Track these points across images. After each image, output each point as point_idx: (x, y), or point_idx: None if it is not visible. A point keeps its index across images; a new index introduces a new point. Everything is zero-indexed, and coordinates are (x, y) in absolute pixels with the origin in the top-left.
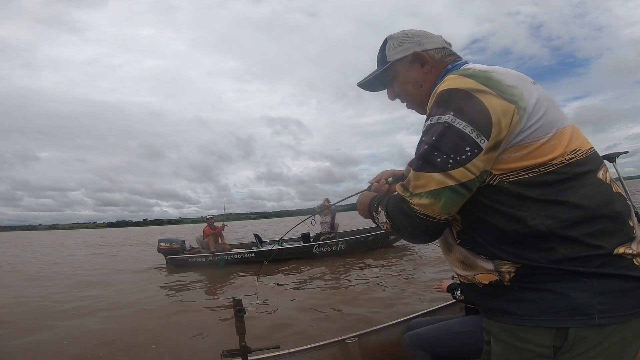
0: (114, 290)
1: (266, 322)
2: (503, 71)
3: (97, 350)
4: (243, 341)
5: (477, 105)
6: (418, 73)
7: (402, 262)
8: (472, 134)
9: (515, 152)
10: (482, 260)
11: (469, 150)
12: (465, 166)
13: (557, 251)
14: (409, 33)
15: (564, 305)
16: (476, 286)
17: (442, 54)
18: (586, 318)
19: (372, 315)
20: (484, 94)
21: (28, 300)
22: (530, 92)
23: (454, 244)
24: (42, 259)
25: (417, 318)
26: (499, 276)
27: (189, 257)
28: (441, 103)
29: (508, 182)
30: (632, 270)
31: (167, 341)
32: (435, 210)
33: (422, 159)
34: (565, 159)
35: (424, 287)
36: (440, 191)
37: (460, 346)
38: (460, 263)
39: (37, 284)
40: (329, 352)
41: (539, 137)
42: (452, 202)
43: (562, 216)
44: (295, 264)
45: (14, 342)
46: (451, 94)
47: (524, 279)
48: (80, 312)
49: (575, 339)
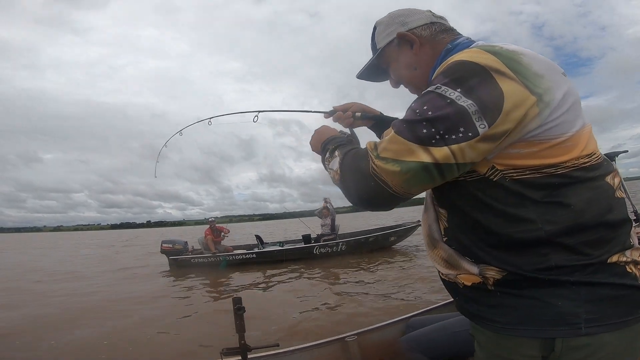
0: (115, 289)
1: (266, 320)
2: (533, 56)
3: (98, 349)
4: (243, 339)
5: (491, 86)
6: (408, 55)
7: (402, 263)
8: (473, 115)
9: (525, 147)
10: (467, 262)
11: (463, 131)
12: (450, 147)
13: (550, 259)
14: (393, 14)
15: (548, 314)
16: (457, 285)
17: (431, 29)
18: (572, 328)
19: (372, 314)
20: (505, 78)
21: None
22: (559, 85)
23: (439, 240)
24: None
25: (416, 316)
26: (482, 279)
27: (191, 258)
28: (449, 73)
29: (511, 179)
30: (624, 278)
31: (168, 339)
32: (396, 180)
33: (407, 123)
34: (578, 163)
35: (423, 286)
36: (410, 164)
37: (458, 346)
38: (443, 261)
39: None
40: (328, 350)
41: (556, 136)
42: (417, 179)
43: (563, 222)
44: (296, 265)
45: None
46: (465, 66)
47: (508, 285)
48: (80, 310)
49: (562, 349)
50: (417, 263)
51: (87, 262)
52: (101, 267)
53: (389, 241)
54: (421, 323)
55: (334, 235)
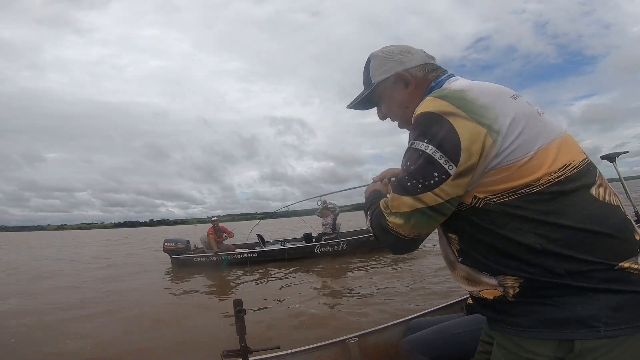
0: (117, 288)
1: (267, 322)
2: (479, 89)
3: (98, 349)
4: (243, 341)
5: (447, 130)
6: (402, 94)
7: (403, 263)
8: (440, 160)
9: (496, 175)
10: (485, 276)
11: (437, 176)
12: (433, 191)
13: (559, 266)
14: (389, 51)
15: (569, 317)
16: (483, 300)
17: (425, 70)
18: (592, 331)
19: (373, 315)
20: (455, 117)
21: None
22: (506, 112)
23: (455, 262)
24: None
25: (417, 318)
26: (503, 292)
27: (193, 257)
28: (416, 127)
29: (494, 204)
30: (639, 286)
31: (168, 340)
32: (405, 229)
33: (398, 182)
34: (552, 178)
35: (424, 286)
36: (410, 213)
37: (460, 347)
38: (464, 280)
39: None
40: (329, 353)
41: (519, 158)
42: (421, 223)
43: (553, 235)
44: (298, 264)
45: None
46: (424, 117)
47: (529, 293)
48: (82, 308)
49: (582, 350)
50: (418, 263)
51: (89, 261)
52: (103, 264)
53: None
54: (422, 325)
55: (335, 234)
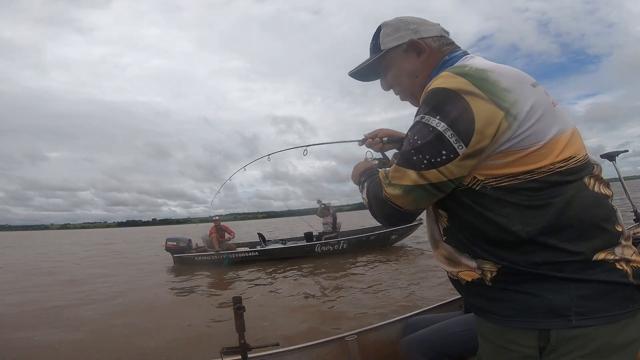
0: (120, 287)
1: (266, 319)
2: (502, 71)
3: (98, 347)
4: (243, 339)
5: (463, 109)
6: (414, 63)
7: (403, 261)
8: (451, 139)
9: (500, 159)
10: (465, 258)
11: (445, 154)
12: (438, 169)
13: (537, 255)
14: (405, 20)
15: (542, 307)
16: (460, 282)
17: (440, 42)
18: (563, 320)
19: (372, 313)
20: (474, 97)
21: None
22: (527, 97)
23: (440, 240)
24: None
25: (416, 316)
26: (481, 274)
27: (194, 256)
28: (429, 102)
29: (491, 187)
30: (613, 275)
31: (167, 338)
32: (403, 202)
33: (402, 155)
34: (554, 168)
35: (423, 285)
36: (411, 187)
37: (458, 346)
38: (445, 259)
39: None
40: (328, 350)
41: (529, 145)
42: (420, 198)
43: (541, 223)
44: (298, 263)
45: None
46: (440, 93)
47: (504, 280)
48: (83, 307)
49: (557, 340)
50: (418, 261)
51: (94, 260)
52: (108, 262)
53: (390, 239)
54: (420, 323)
55: (336, 233)
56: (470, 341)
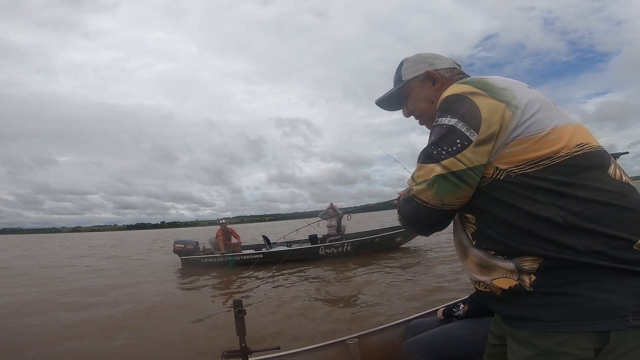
0: (126, 288)
1: (267, 322)
2: (498, 78)
3: (97, 348)
4: (243, 342)
5: (469, 104)
6: (429, 90)
7: (406, 264)
8: (462, 129)
9: (516, 145)
10: (500, 260)
11: (459, 142)
12: (456, 156)
13: (578, 242)
14: (422, 55)
15: (594, 308)
16: (494, 294)
17: (452, 73)
18: (620, 320)
19: (373, 316)
20: (476, 95)
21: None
22: (523, 94)
23: (469, 246)
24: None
25: (417, 319)
26: (518, 280)
27: (201, 258)
28: (441, 107)
29: (515, 175)
30: None
31: (168, 340)
32: (428, 195)
33: (423, 153)
34: (570, 152)
35: (425, 288)
36: (434, 179)
37: (459, 350)
38: (477, 267)
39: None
40: (329, 353)
41: (538, 131)
42: (443, 189)
43: (574, 208)
44: (302, 265)
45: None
46: (449, 98)
47: (547, 283)
48: (84, 305)
49: (617, 340)
50: (422, 264)
51: (101, 258)
52: (117, 264)
53: (395, 242)
54: (422, 326)
55: (340, 235)
56: (472, 345)
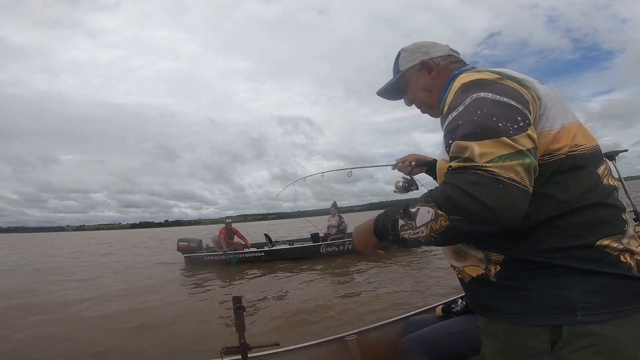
0: (129, 284)
1: (267, 319)
2: (511, 70)
3: (97, 345)
4: (243, 338)
5: (509, 86)
6: (426, 79)
7: (406, 262)
8: (518, 106)
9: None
10: (472, 249)
11: (521, 120)
12: (526, 133)
13: (543, 241)
14: (418, 44)
15: (549, 303)
16: (464, 281)
17: (448, 60)
18: (570, 316)
19: (372, 312)
20: (508, 80)
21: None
22: (536, 87)
23: None
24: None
25: (416, 315)
26: (485, 270)
27: (204, 256)
28: (468, 88)
29: None
30: (617, 268)
31: (168, 337)
32: (519, 171)
33: (480, 127)
34: (569, 150)
35: (424, 285)
36: (515, 154)
37: (457, 346)
38: (453, 253)
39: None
40: (328, 349)
41: (552, 127)
42: (529, 167)
43: (553, 205)
44: (303, 263)
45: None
46: (477, 81)
47: (509, 275)
48: (85, 305)
49: (569, 335)
50: (421, 262)
51: (108, 258)
52: (120, 263)
53: None
54: (420, 322)
55: (342, 234)
56: (470, 341)
